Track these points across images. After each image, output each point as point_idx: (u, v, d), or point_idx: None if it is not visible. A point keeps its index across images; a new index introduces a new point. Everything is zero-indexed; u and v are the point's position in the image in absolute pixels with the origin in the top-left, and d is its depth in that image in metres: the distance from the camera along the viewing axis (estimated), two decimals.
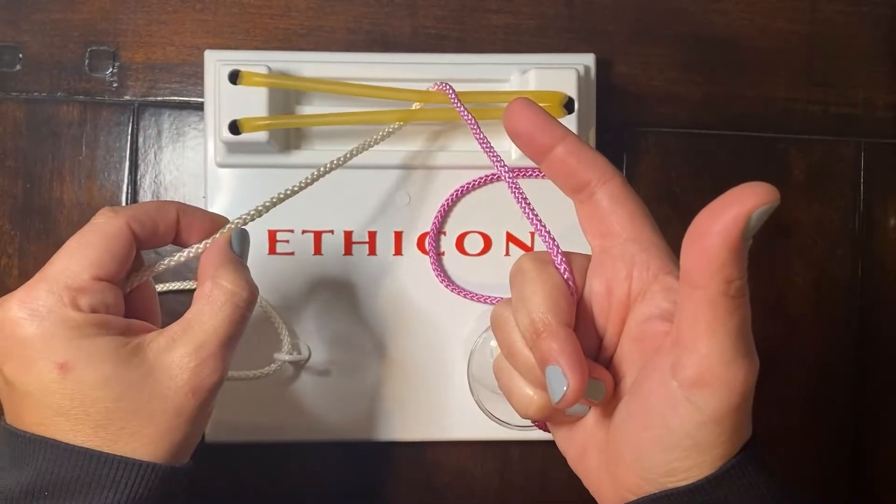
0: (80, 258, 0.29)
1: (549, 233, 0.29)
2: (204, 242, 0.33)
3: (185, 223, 0.33)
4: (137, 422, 0.29)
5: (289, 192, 0.35)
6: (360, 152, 0.38)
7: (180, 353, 0.30)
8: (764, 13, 0.48)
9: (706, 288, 0.24)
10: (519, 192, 0.31)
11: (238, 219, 0.33)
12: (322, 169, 0.37)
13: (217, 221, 0.34)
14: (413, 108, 0.40)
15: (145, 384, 0.29)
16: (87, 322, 0.28)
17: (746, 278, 0.24)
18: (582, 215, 0.30)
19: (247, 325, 0.32)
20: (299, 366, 0.43)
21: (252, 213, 0.33)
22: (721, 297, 0.24)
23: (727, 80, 0.48)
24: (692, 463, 0.26)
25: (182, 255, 0.32)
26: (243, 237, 0.34)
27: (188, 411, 0.30)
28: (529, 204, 0.30)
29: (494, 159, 0.32)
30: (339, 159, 0.37)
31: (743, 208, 0.22)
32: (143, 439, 0.29)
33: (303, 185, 0.36)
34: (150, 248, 0.33)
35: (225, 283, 0.31)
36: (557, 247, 0.29)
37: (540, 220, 0.30)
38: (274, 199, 0.34)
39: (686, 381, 0.25)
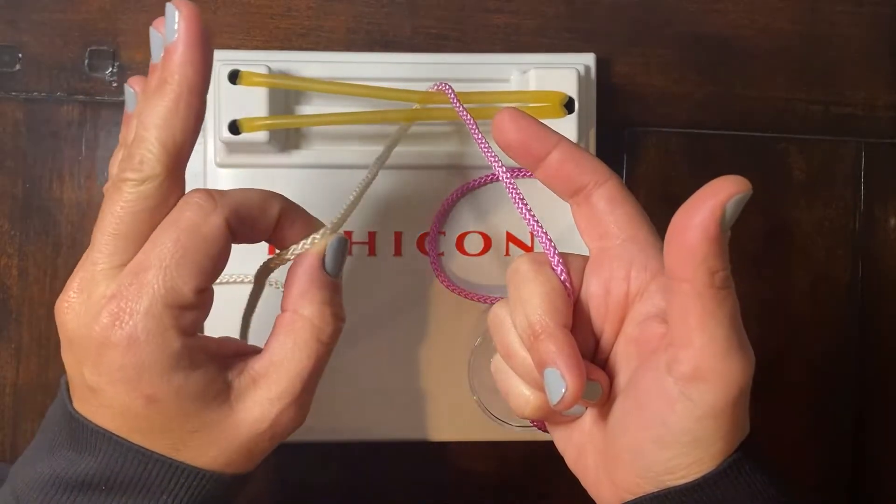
0: (180, 269, 0.26)
1: (545, 234, 0.29)
2: (292, 250, 0.29)
3: (285, 222, 0.29)
4: (208, 448, 0.28)
5: (364, 186, 0.32)
6: (393, 148, 0.37)
7: (262, 397, 0.28)
8: (764, 13, 0.48)
9: (692, 281, 0.24)
10: (516, 193, 0.31)
11: (333, 222, 0.29)
12: (376, 165, 0.35)
13: (315, 226, 0.30)
14: (414, 108, 0.40)
15: (226, 425, 0.27)
16: (184, 352, 0.26)
17: (730, 270, 0.25)
18: (579, 218, 0.30)
19: (330, 355, 0.30)
20: None
21: (343, 213, 0.30)
22: (707, 288, 0.24)
23: (727, 80, 0.48)
24: (691, 460, 0.26)
25: (274, 261, 0.29)
26: (340, 248, 0.30)
27: (262, 449, 0.29)
28: (527, 205, 0.30)
29: (493, 160, 0.32)
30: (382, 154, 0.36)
31: (718, 199, 0.23)
32: (207, 458, 0.28)
33: (369, 179, 0.33)
34: (241, 244, 0.29)
35: (309, 316, 0.28)
36: (554, 248, 0.29)
37: (537, 221, 0.30)
38: (356, 194, 0.31)
39: (682, 377, 0.25)
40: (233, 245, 0.28)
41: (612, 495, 0.28)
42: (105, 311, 0.25)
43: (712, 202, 0.24)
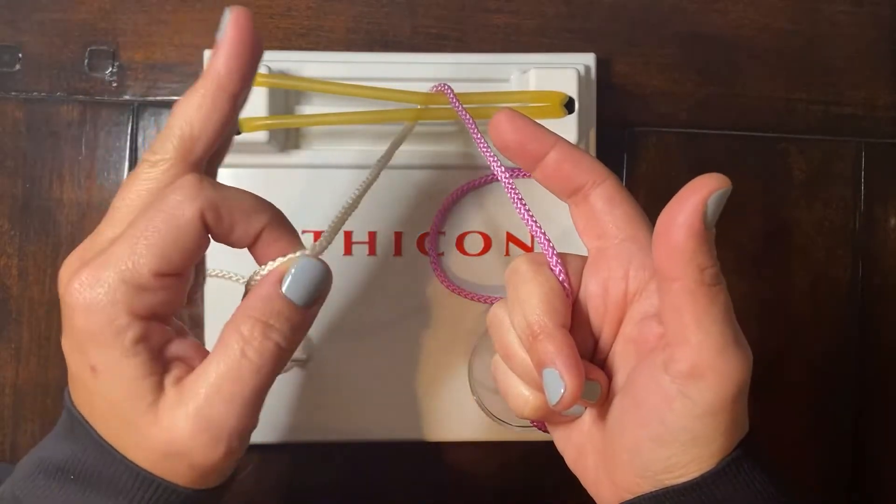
0: (144, 249, 0.25)
1: (544, 234, 0.29)
2: (266, 267, 0.27)
3: (268, 238, 0.27)
4: (138, 450, 0.26)
5: (355, 199, 0.31)
6: (396, 148, 0.37)
7: (181, 413, 0.25)
8: (764, 13, 0.48)
9: (682, 279, 0.25)
10: (515, 193, 0.31)
11: (315, 245, 0.28)
12: (374, 171, 0.33)
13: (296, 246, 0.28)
14: (414, 108, 0.40)
15: (148, 433, 0.26)
16: (128, 332, 0.25)
17: (719, 266, 0.25)
18: (577, 217, 0.30)
19: (269, 382, 0.26)
20: (299, 366, 0.43)
21: (326, 235, 0.28)
22: (698, 286, 0.25)
23: (727, 80, 0.48)
24: (690, 458, 0.26)
25: (253, 277, 0.28)
26: (306, 272, 0.27)
27: (185, 475, 0.26)
28: (526, 205, 0.30)
29: (492, 160, 0.32)
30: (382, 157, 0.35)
31: (699, 196, 0.24)
32: (144, 461, 0.26)
33: (364, 188, 0.32)
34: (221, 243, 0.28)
35: (244, 334, 0.26)
36: (553, 248, 0.29)
37: (536, 222, 0.30)
38: (346, 208, 0.30)
39: (680, 375, 0.25)
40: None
41: (612, 495, 0.28)
42: (76, 277, 0.25)
43: (694, 199, 0.24)
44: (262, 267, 0.28)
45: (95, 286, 0.25)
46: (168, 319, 0.27)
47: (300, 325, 0.27)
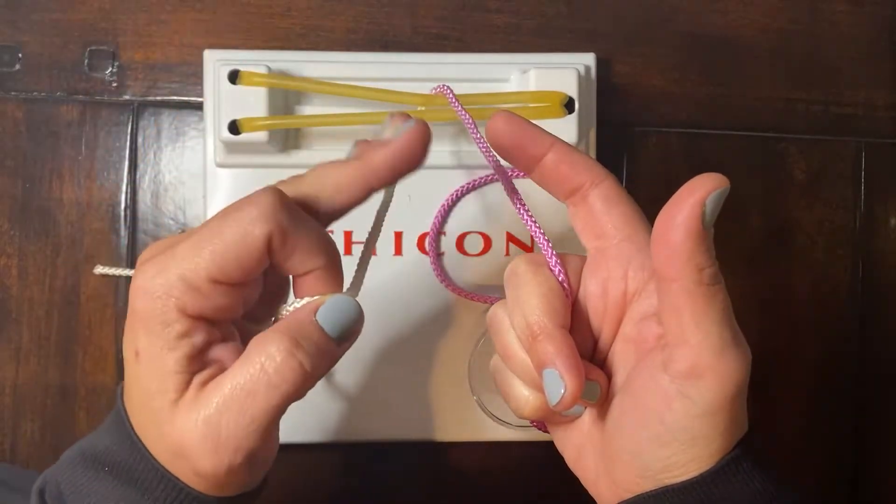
0: (206, 254, 0.25)
1: (543, 234, 0.29)
2: (295, 302, 0.28)
3: (315, 277, 0.27)
4: (159, 443, 0.27)
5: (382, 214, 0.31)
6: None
7: (194, 417, 0.25)
8: (764, 13, 0.48)
9: (681, 279, 0.25)
10: (515, 194, 0.31)
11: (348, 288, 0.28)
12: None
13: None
14: (416, 109, 0.40)
15: (166, 429, 0.26)
16: (175, 327, 0.25)
17: (718, 266, 0.25)
18: (575, 218, 0.30)
19: (287, 402, 0.26)
20: None
21: (357, 276, 0.29)
22: (696, 286, 0.25)
23: (727, 80, 0.48)
24: (690, 457, 0.26)
25: (281, 311, 0.28)
26: (339, 305, 0.27)
27: (191, 479, 0.26)
28: (525, 205, 0.30)
29: (491, 161, 0.32)
30: None
31: (697, 197, 0.24)
32: (162, 455, 0.26)
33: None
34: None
35: (270, 352, 0.25)
36: (552, 248, 0.29)
37: (535, 222, 0.30)
38: (376, 225, 0.31)
39: (679, 375, 0.25)
40: None
41: (612, 494, 0.28)
42: (147, 263, 0.26)
43: (692, 200, 0.24)
44: (297, 300, 0.28)
45: (157, 276, 0.26)
46: (222, 324, 0.27)
47: (328, 356, 0.27)
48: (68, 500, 0.27)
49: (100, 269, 0.42)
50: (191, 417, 0.25)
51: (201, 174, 0.44)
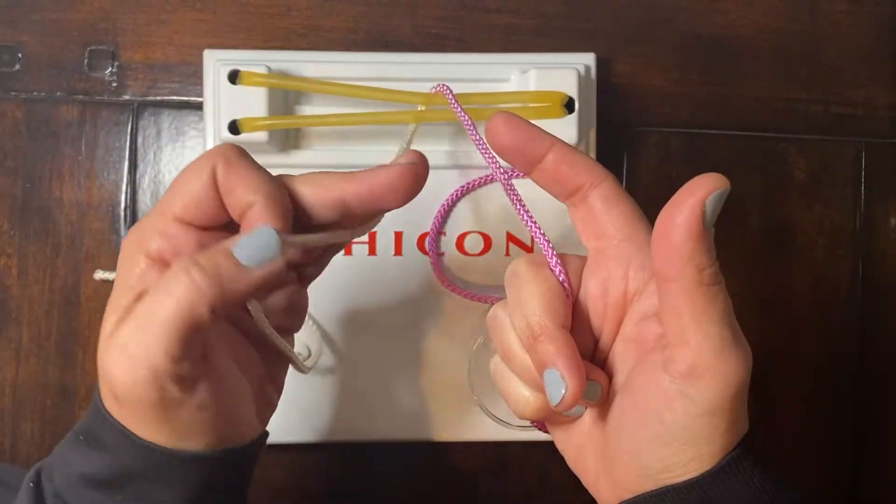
0: (166, 197, 0.28)
1: (543, 235, 0.29)
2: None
3: (250, 216, 0.27)
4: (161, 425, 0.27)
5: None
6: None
7: (113, 342, 0.26)
8: (764, 13, 0.48)
9: (681, 279, 0.25)
10: (514, 194, 0.31)
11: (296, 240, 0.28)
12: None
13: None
14: (416, 109, 0.40)
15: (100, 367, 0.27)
16: (150, 246, 0.27)
17: (718, 267, 0.25)
18: (575, 219, 0.30)
19: (185, 320, 0.25)
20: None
21: (306, 236, 0.29)
22: (696, 286, 0.25)
23: (727, 80, 0.48)
24: (690, 457, 0.26)
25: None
26: (258, 235, 0.27)
27: (124, 409, 0.26)
28: (524, 205, 0.30)
29: (490, 161, 0.32)
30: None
31: (697, 197, 0.24)
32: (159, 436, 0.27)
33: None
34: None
35: (168, 274, 0.26)
36: (552, 249, 0.29)
37: (535, 222, 0.30)
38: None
39: (679, 375, 0.25)
40: None
41: (612, 494, 0.28)
42: (137, 226, 0.29)
43: (692, 200, 0.24)
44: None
45: (135, 229, 0.28)
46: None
47: (232, 278, 0.26)
48: (55, 474, 0.28)
49: (99, 275, 0.42)
50: (110, 342, 0.26)
51: None
